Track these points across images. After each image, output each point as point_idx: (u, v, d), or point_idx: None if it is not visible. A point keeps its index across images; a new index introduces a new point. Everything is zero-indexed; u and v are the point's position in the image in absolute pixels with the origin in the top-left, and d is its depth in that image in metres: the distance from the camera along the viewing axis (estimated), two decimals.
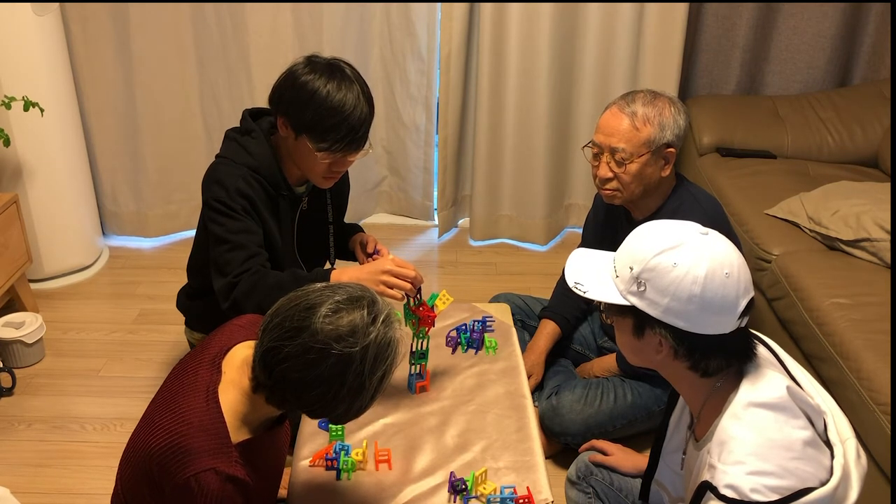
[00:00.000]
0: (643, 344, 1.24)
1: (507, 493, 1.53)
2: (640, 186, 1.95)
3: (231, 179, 1.87)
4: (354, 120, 1.81)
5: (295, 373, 1.24)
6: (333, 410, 1.28)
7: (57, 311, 2.88)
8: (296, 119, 1.84)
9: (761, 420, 1.17)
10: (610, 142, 1.92)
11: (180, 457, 1.25)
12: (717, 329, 1.18)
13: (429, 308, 1.77)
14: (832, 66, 3.26)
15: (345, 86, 1.81)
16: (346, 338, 1.23)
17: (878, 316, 2.08)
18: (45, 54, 2.74)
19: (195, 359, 1.41)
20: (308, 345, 1.22)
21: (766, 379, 1.21)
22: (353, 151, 1.87)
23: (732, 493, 1.13)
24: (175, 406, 1.32)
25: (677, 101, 1.95)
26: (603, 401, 2.14)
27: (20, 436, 2.33)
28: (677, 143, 1.93)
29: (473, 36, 3.09)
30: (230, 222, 1.87)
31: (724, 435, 1.18)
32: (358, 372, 1.23)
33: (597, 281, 1.26)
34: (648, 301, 1.18)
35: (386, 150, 3.44)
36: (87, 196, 3.09)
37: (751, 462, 1.13)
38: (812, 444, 1.17)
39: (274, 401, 1.30)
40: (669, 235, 1.19)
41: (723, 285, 1.15)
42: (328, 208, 2.13)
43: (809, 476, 1.14)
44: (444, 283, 3.15)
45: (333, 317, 1.24)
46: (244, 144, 1.93)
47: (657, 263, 1.17)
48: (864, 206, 2.41)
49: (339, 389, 1.24)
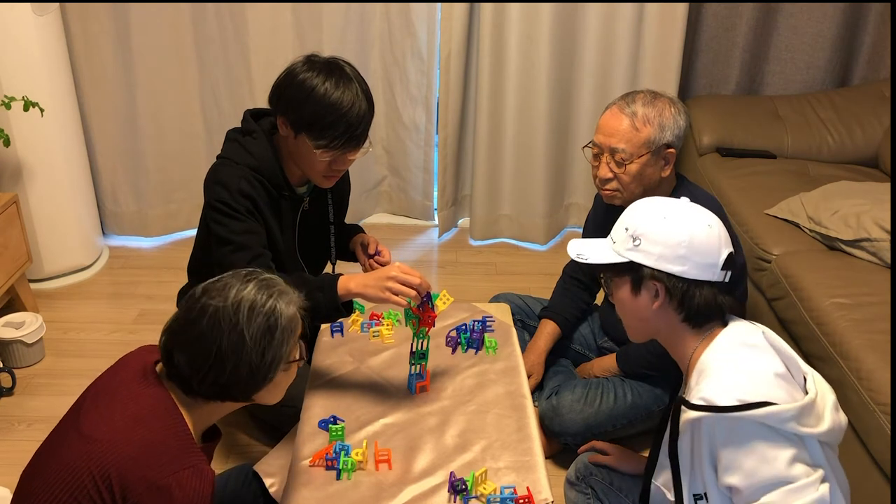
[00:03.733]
0: (640, 300, 1.40)
1: (507, 493, 1.53)
2: (639, 187, 1.95)
3: (233, 180, 1.87)
4: (353, 117, 1.81)
5: (181, 335, 1.30)
6: (223, 371, 1.29)
7: (57, 311, 2.88)
8: (295, 117, 1.84)
9: (737, 352, 1.33)
10: (610, 142, 1.92)
11: (155, 458, 1.24)
12: (704, 276, 1.35)
13: (429, 308, 1.77)
14: (832, 66, 3.26)
15: (343, 83, 1.81)
16: (219, 294, 1.30)
17: (878, 316, 2.08)
18: (45, 54, 2.74)
19: (116, 377, 1.39)
20: (191, 306, 1.31)
21: (743, 326, 1.39)
22: (352, 149, 1.87)
23: (701, 402, 1.27)
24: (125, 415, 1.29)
25: (677, 102, 1.95)
26: (603, 401, 2.14)
27: (20, 436, 2.33)
28: (677, 144, 1.93)
29: (473, 36, 3.09)
30: (233, 223, 1.87)
31: (703, 366, 1.34)
32: (233, 324, 1.28)
33: (596, 250, 1.45)
34: (643, 253, 1.37)
35: (386, 150, 3.44)
36: (87, 196, 3.09)
37: (723, 380, 1.28)
38: (784, 378, 1.30)
39: (177, 379, 1.32)
40: (659, 203, 1.42)
41: (707, 235, 1.35)
42: (329, 209, 2.13)
43: (779, 399, 1.25)
44: (444, 283, 3.15)
45: (214, 283, 1.34)
46: (245, 145, 1.93)
47: (650, 220, 1.38)
48: (864, 206, 2.41)
49: (220, 343, 1.28)
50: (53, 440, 1.36)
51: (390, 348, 1.97)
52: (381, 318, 2.07)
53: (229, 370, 1.29)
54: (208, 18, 3.04)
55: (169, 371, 1.33)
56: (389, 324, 2.04)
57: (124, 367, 1.41)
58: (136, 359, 1.41)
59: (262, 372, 1.32)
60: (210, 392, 1.33)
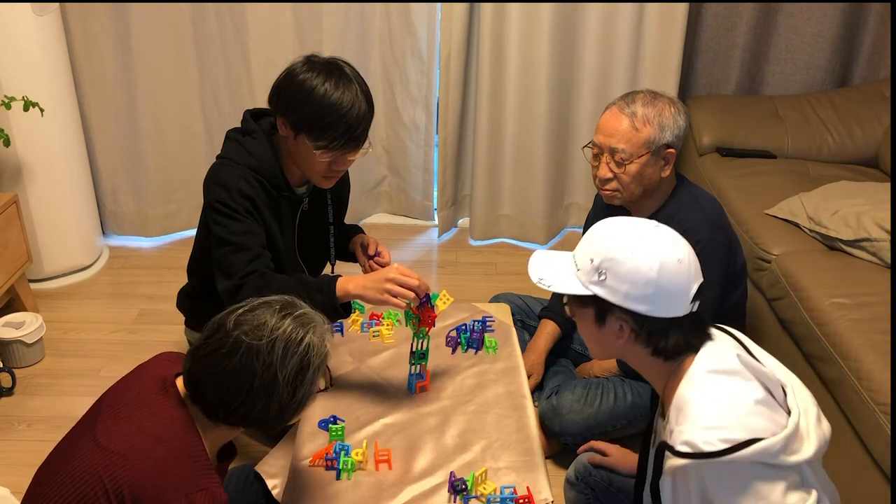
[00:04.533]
0: (605, 332, 1.33)
1: (507, 493, 1.53)
2: (639, 187, 1.94)
3: (233, 180, 1.87)
4: (352, 117, 1.81)
5: (212, 367, 1.28)
6: (253, 408, 1.29)
7: (57, 311, 2.88)
8: (294, 118, 1.84)
9: (713, 383, 1.26)
10: (610, 142, 1.92)
11: (170, 479, 1.23)
12: (673, 312, 1.27)
13: (429, 308, 1.77)
14: (832, 66, 3.26)
15: (343, 84, 1.81)
16: (255, 331, 1.28)
17: (878, 316, 2.08)
18: (45, 54, 2.74)
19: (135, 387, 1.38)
20: (222, 340, 1.29)
21: (717, 351, 1.31)
22: (351, 150, 1.87)
23: (687, 448, 1.20)
24: (145, 430, 1.29)
25: (677, 102, 1.95)
26: (603, 401, 2.14)
27: (20, 436, 2.33)
28: (677, 144, 1.93)
29: (473, 36, 3.09)
30: (233, 224, 1.86)
31: (681, 401, 1.26)
32: (267, 364, 1.27)
33: (559, 276, 1.35)
34: (609, 289, 1.27)
35: (386, 150, 3.44)
36: (87, 196, 3.09)
37: (704, 419, 1.21)
38: (765, 403, 1.24)
39: (201, 405, 1.31)
40: (626, 230, 1.31)
41: (676, 271, 1.26)
42: (329, 209, 2.13)
43: (762, 429, 1.20)
44: (444, 283, 3.15)
45: (248, 315, 1.31)
46: (245, 145, 1.93)
47: (616, 254, 1.27)
48: (864, 206, 2.41)
49: (252, 381, 1.27)
50: (68, 444, 1.36)
51: (390, 348, 1.97)
52: (381, 318, 2.07)
53: (260, 408, 1.29)
54: (208, 18, 3.03)
55: (193, 396, 1.32)
56: (389, 324, 2.04)
57: (143, 377, 1.40)
58: (156, 369, 1.41)
59: (291, 409, 1.32)
60: (235, 422, 1.33)
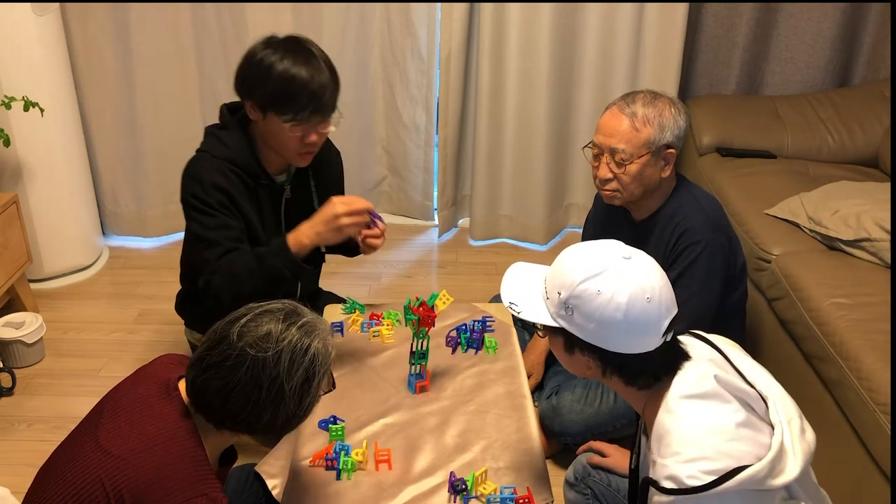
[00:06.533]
0: (574, 360, 1.30)
1: (507, 493, 1.53)
2: (640, 187, 1.94)
3: (207, 173, 1.89)
4: (315, 85, 1.82)
5: (217, 380, 1.26)
6: (259, 419, 1.28)
7: (57, 311, 2.88)
8: (260, 97, 1.86)
9: (692, 410, 1.22)
10: (610, 142, 1.92)
11: (169, 484, 1.23)
12: (642, 348, 1.23)
13: (429, 308, 1.77)
14: (832, 66, 3.26)
15: (301, 57, 1.84)
16: (260, 343, 1.26)
17: (878, 316, 2.08)
18: (45, 54, 2.74)
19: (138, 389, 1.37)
20: (227, 352, 1.26)
21: (694, 373, 1.26)
22: (320, 119, 1.87)
23: (671, 484, 1.17)
24: (146, 434, 1.28)
25: (678, 102, 1.95)
26: (603, 401, 2.14)
27: (20, 436, 2.33)
28: (677, 144, 1.93)
29: (473, 36, 3.09)
30: (206, 219, 1.88)
31: (661, 430, 1.23)
32: (273, 376, 1.25)
33: (530, 302, 1.31)
34: (576, 325, 1.24)
35: (386, 150, 3.44)
36: (87, 196, 3.09)
37: (686, 451, 1.18)
38: (746, 424, 1.21)
39: (206, 414, 1.31)
40: (594, 262, 1.24)
41: (644, 310, 1.20)
42: (313, 196, 2.12)
43: (746, 454, 1.18)
44: (444, 283, 3.15)
45: (251, 325, 1.28)
46: (220, 137, 1.95)
47: (582, 290, 1.22)
48: (864, 206, 2.41)
49: (259, 394, 1.26)
50: (71, 445, 1.36)
51: (390, 348, 1.97)
52: (381, 318, 2.07)
53: (266, 419, 1.29)
54: (208, 18, 3.03)
55: (197, 405, 1.31)
56: (389, 324, 2.04)
57: (146, 380, 1.39)
58: (159, 372, 1.40)
59: (298, 417, 1.32)
60: (240, 431, 1.33)
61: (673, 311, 1.24)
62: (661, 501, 1.18)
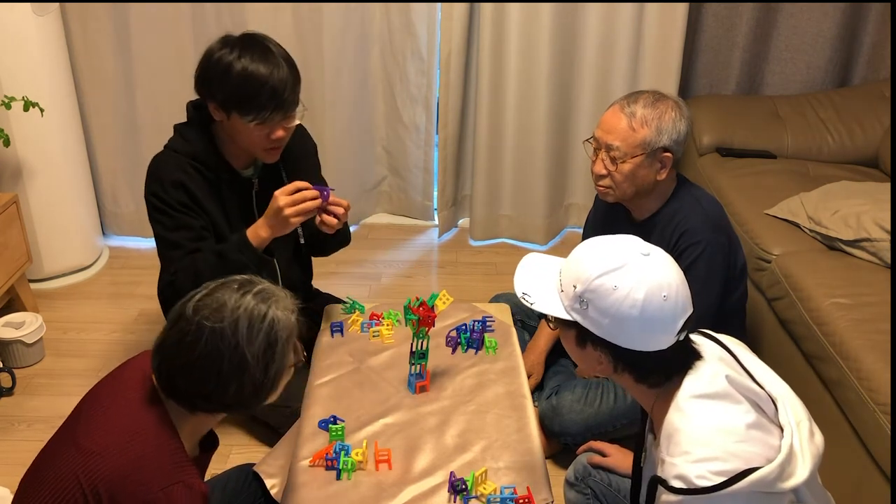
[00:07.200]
0: (586, 354, 1.29)
1: (507, 493, 1.53)
2: (632, 187, 1.94)
3: (167, 171, 1.90)
4: (276, 81, 1.82)
5: (179, 358, 1.26)
6: (226, 392, 1.26)
7: (57, 311, 2.88)
8: (221, 98, 1.86)
9: (703, 409, 1.21)
10: (606, 139, 1.92)
11: (145, 474, 1.22)
12: (656, 346, 1.22)
13: (429, 308, 1.77)
14: (832, 66, 3.26)
15: (258, 53, 1.83)
16: (216, 314, 1.25)
17: (878, 316, 2.08)
18: (45, 54, 2.74)
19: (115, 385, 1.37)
20: (185, 328, 1.25)
21: (705, 372, 1.25)
22: (283, 116, 1.87)
23: (680, 483, 1.16)
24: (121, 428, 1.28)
25: (682, 107, 1.92)
26: (603, 401, 2.14)
27: (20, 436, 2.33)
28: (675, 149, 1.91)
29: (473, 36, 3.09)
30: (166, 219, 1.90)
31: (671, 428, 1.22)
32: (233, 344, 1.24)
33: (544, 293, 1.29)
34: (590, 319, 1.22)
35: (386, 150, 3.44)
36: (87, 196, 3.09)
37: (695, 451, 1.17)
38: (756, 426, 1.20)
39: (176, 398, 1.30)
40: (612, 256, 1.22)
41: (660, 308, 1.19)
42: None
43: (755, 456, 1.17)
44: (444, 283, 3.15)
45: (206, 299, 1.27)
46: (183, 134, 1.96)
47: (599, 285, 1.20)
48: (864, 206, 2.41)
49: (221, 365, 1.24)
50: (51, 446, 1.36)
51: (390, 348, 1.97)
52: (381, 318, 2.07)
53: (234, 390, 1.27)
54: (208, 18, 3.03)
55: (166, 390, 1.30)
56: (389, 324, 2.04)
57: (123, 375, 1.39)
58: (137, 366, 1.40)
59: (266, 387, 1.30)
60: (214, 408, 1.32)
61: (689, 310, 1.23)
62: (669, 500, 1.18)
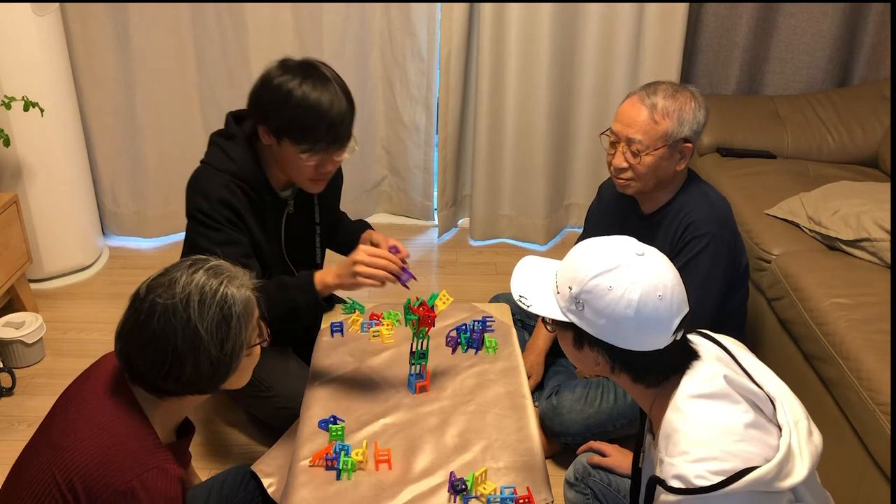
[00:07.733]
0: (583, 355, 1.29)
1: (507, 493, 1.53)
2: (653, 179, 1.94)
3: (214, 189, 1.85)
4: (334, 115, 1.78)
5: (135, 339, 1.27)
6: (183, 369, 1.26)
7: (57, 311, 2.88)
8: (275, 124, 1.81)
9: (701, 409, 1.21)
10: (627, 132, 1.91)
11: (117, 463, 1.22)
12: (652, 346, 1.23)
13: (429, 308, 1.77)
14: (832, 66, 3.26)
15: (320, 84, 1.79)
16: (167, 291, 1.26)
17: (878, 316, 2.08)
18: (45, 54, 2.74)
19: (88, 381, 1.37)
20: (139, 308, 1.27)
21: (703, 372, 1.25)
22: (337, 149, 1.84)
23: (679, 483, 1.17)
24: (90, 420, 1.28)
25: (699, 96, 1.93)
26: (603, 401, 2.14)
27: (20, 436, 2.33)
28: (694, 139, 1.92)
29: (473, 36, 3.09)
30: (214, 234, 1.85)
31: (669, 428, 1.22)
32: (185, 319, 1.25)
33: (540, 295, 1.31)
34: (586, 320, 1.23)
35: (386, 150, 3.44)
36: (87, 196, 3.09)
37: (694, 451, 1.17)
38: (755, 425, 1.20)
39: (141, 382, 1.30)
40: (606, 257, 1.23)
41: (655, 308, 1.20)
42: (315, 208, 2.11)
43: (754, 456, 1.17)
44: (444, 283, 3.15)
45: (160, 279, 1.29)
46: (227, 150, 1.90)
47: (594, 286, 1.21)
48: (864, 206, 2.41)
49: (175, 341, 1.25)
50: (29, 446, 1.36)
51: (390, 348, 1.97)
52: (381, 318, 2.07)
53: (190, 367, 1.27)
54: (208, 18, 3.03)
55: (131, 374, 1.30)
56: (389, 324, 2.04)
57: (95, 372, 1.39)
58: (109, 360, 1.40)
59: (224, 364, 1.30)
60: (176, 389, 1.31)
61: (684, 309, 1.24)
62: (668, 500, 1.18)
